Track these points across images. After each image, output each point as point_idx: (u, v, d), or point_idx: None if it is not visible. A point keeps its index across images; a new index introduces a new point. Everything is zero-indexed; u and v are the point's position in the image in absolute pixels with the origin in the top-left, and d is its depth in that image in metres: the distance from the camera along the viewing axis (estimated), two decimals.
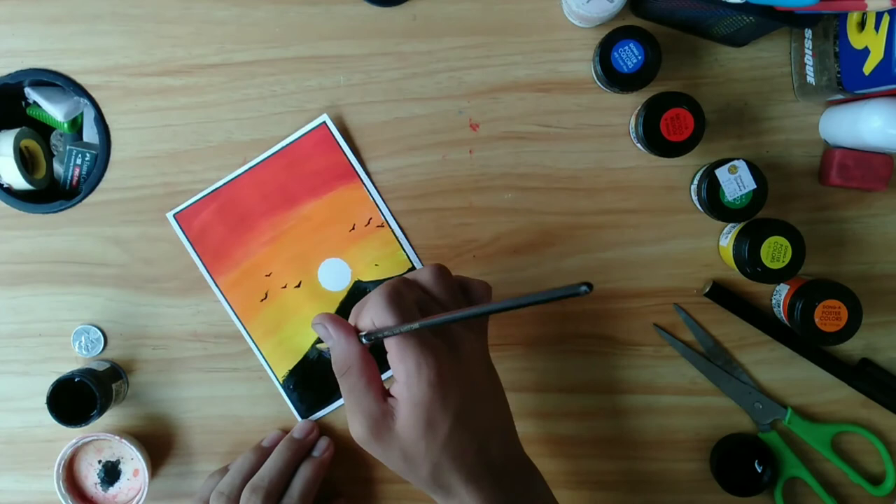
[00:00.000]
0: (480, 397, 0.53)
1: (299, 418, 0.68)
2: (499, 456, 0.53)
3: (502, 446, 0.53)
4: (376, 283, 0.67)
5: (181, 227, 0.66)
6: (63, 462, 0.65)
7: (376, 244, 0.67)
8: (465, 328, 0.54)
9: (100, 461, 0.67)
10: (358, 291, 0.67)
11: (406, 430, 0.50)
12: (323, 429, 0.68)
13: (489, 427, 0.53)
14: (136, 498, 0.65)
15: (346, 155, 0.66)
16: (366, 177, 0.66)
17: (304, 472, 0.63)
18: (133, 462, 0.67)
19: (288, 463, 0.63)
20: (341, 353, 0.52)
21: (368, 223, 0.67)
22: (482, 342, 0.55)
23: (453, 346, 0.52)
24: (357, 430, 0.51)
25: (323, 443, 0.66)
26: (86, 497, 0.67)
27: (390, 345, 0.50)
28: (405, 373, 0.49)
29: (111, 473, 0.67)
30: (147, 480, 0.65)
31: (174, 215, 0.66)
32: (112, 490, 0.67)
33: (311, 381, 0.68)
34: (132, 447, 0.65)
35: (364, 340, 0.52)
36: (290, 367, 0.68)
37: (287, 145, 0.66)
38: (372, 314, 0.50)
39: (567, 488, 0.68)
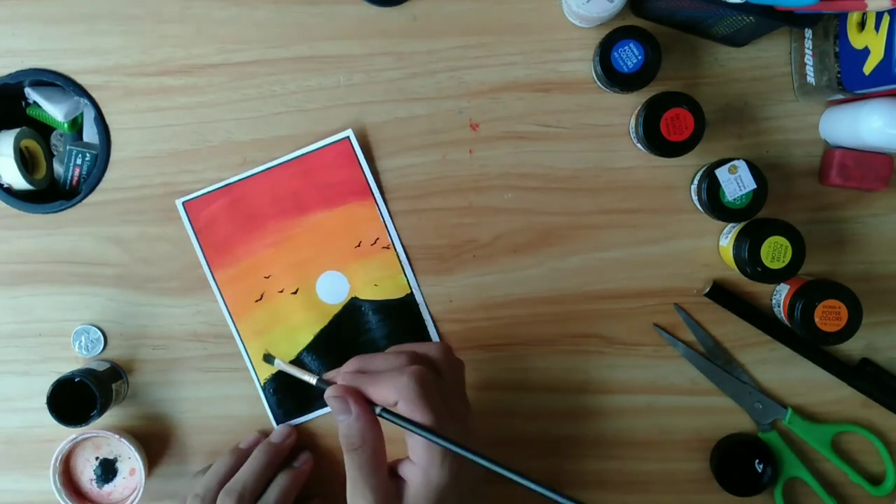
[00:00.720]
0: (479, 481, 0.54)
1: (274, 423, 0.68)
2: None
3: None
4: (372, 302, 0.67)
5: (188, 216, 0.66)
6: (60, 457, 0.65)
7: (379, 264, 0.67)
8: (467, 406, 0.55)
9: (97, 458, 0.67)
10: (353, 308, 0.67)
11: None
12: (303, 436, 0.68)
13: (480, 502, 0.55)
14: (132, 497, 0.65)
15: (364, 172, 0.66)
16: (380, 197, 0.66)
17: (280, 481, 0.63)
18: (130, 461, 0.67)
19: (264, 468, 0.62)
20: (359, 429, 0.51)
21: (375, 243, 0.66)
22: (476, 419, 0.56)
23: (465, 428, 0.53)
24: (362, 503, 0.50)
25: (304, 455, 0.66)
26: (81, 493, 0.67)
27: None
28: (428, 459, 0.49)
29: (107, 471, 0.67)
30: (143, 481, 0.65)
31: (183, 203, 0.66)
32: (107, 487, 0.67)
33: (293, 387, 0.67)
34: (130, 447, 0.65)
35: (378, 414, 0.51)
36: (274, 370, 0.67)
37: (307, 153, 0.66)
38: (403, 404, 0.49)
39: (567, 488, 0.68)
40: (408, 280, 0.67)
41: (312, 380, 0.56)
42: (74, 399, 0.62)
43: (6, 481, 0.69)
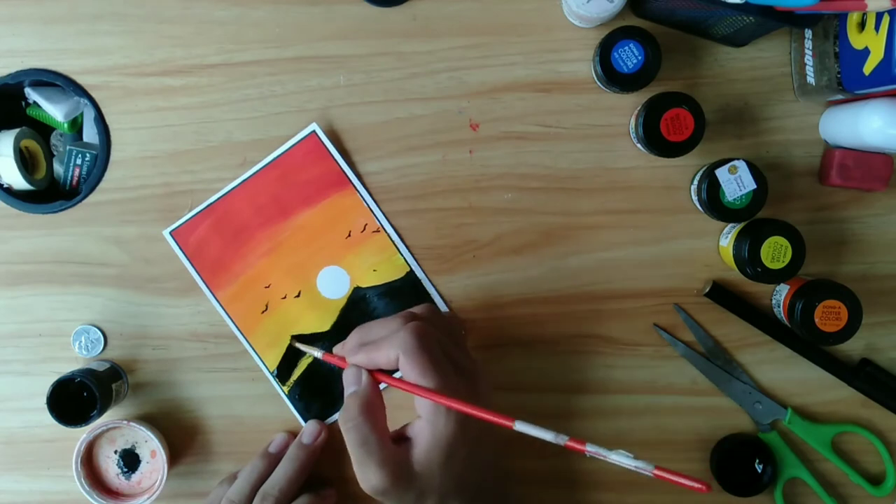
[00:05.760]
0: (487, 431, 0.54)
1: (304, 424, 0.68)
2: (492, 482, 0.55)
3: (498, 473, 0.56)
4: (375, 288, 0.67)
5: (178, 244, 0.66)
6: (79, 458, 0.65)
7: (373, 249, 0.67)
8: (475, 363, 0.55)
9: (115, 451, 0.67)
10: (357, 298, 0.67)
11: (425, 467, 0.50)
12: (334, 434, 0.68)
13: (490, 454, 0.55)
14: (159, 479, 0.65)
15: (337, 162, 0.66)
16: (358, 183, 0.66)
17: (305, 500, 0.63)
18: (148, 444, 0.67)
19: (298, 472, 0.62)
20: (367, 397, 0.52)
21: (364, 229, 0.67)
22: (486, 373, 0.57)
23: (474, 385, 0.53)
24: (374, 480, 0.50)
25: (328, 490, 0.66)
26: (111, 490, 0.67)
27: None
28: (434, 410, 0.50)
29: (130, 460, 0.67)
30: (166, 459, 0.65)
31: (170, 233, 0.66)
32: (135, 477, 0.67)
33: (317, 389, 0.67)
34: (144, 429, 0.64)
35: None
36: (295, 377, 0.67)
37: (278, 156, 0.66)
38: (403, 357, 0.50)
39: (567, 488, 0.68)
40: (404, 258, 0.67)
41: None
42: (74, 399, 0.62)
43: (6, 481, 0.69)
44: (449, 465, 0.51)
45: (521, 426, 0.47)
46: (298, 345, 0.66)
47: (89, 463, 0.66)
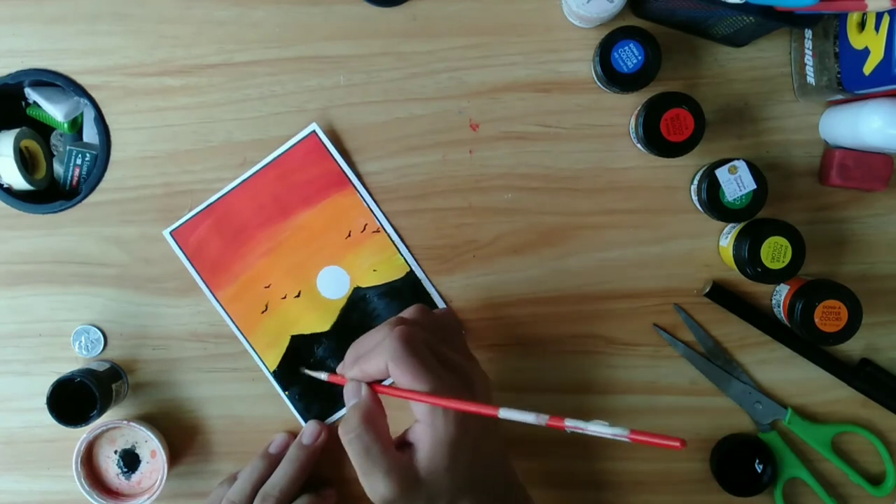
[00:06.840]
0: (488, 427, 0.54)
1: (304, 424, 0.68)
2: (501, 479, 0.55)
3: (503, 469, 0.56)
4: (375, 288, 0.67)
5: (178, 244, 0.66)
6: (80, 458, 0.65)
7: (373, 249, 0.67)
8: (470, 360, 0.55)
9: (115, 451, 0.67)
10: (357, 298, 0.67)
11: (431, 470, 0.50)
12: (334, 434, 0.68)
13: (495, 453, 0.55)
14: (159, 479, 0.65)
15: (337, 162, 0.66)
16: (358, 183, 0.66)
17: (305, 500, 0.63)
18: (148, 444, 0.67)
19: (298, 472, 0.62)
20: (365, 412, 0.52)
21: (364, 229, 0.66)
22: (481, 370, 0.56)
23: (468, 383, 0.53)
24: (382, 490, 0.49)
25: (329, 490, 0.66)
26: (111, 490, 0.67)
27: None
28: (431, 413, 0.50)
29: (130, 460, 0.67)
30: (166, 459, 0.65)
31: (170, 233, 0.66)
32: (135, 477, 0.67)
33: (317, 390, 0.67)
34: (144, 429, 0.64)
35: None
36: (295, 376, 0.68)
37: (278, 156, 0.66)
38: (391, 364, 0.50)
39: (567, 488, 0.68)
40: (404, 258, 0.67)
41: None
42: (74, 399, 0.62)
43: (6, 481, 0.69)
44: (454, 466, 0.50)
45: (505, 413, 0.46)
46: (308, 371, 0.66)
47: (89, 463, 0.66)
